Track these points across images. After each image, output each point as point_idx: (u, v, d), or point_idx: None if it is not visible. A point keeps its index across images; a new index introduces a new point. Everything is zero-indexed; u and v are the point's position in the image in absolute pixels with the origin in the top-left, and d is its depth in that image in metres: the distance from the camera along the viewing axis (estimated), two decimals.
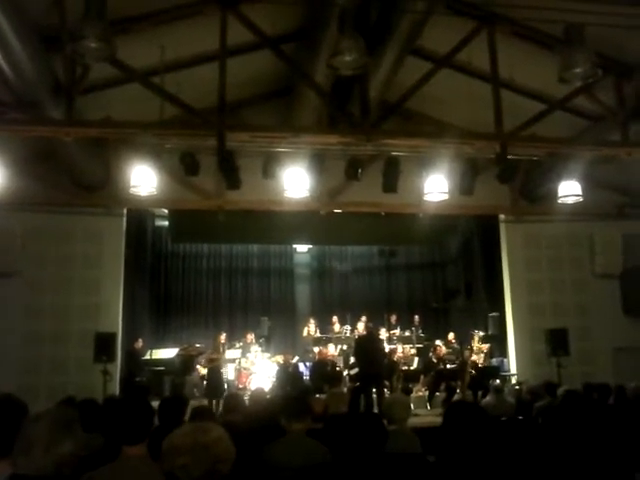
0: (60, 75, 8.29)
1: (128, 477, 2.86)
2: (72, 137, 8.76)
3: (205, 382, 12.21)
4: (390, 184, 11.03)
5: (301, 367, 13.72)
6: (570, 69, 7.66)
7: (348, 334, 14.50)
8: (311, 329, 14.93)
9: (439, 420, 3.22)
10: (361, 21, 8.04)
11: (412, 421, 5.26)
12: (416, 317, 15.50)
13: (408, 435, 4.73)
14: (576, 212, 11.94)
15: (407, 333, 14.88)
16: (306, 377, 13.18)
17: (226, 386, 13.15)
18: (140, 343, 13.50)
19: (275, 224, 13.53)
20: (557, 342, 11.88)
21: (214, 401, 11.39)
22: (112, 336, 11.33)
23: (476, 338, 13.72)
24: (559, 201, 11.29)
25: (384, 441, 3.40)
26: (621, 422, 5.60)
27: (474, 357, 13.24)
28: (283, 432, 4.57)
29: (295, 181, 10.35)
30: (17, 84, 7.84)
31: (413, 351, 14.14)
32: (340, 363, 13.44)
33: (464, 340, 13.81)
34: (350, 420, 4.02)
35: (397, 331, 14.89)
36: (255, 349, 13.98)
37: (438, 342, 13.71)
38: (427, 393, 12.60)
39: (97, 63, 7.51)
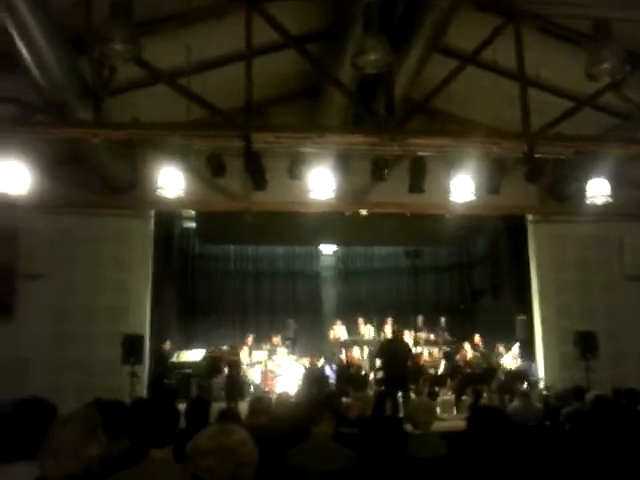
0: (87, 77, 8.34)
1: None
2: (100, 139, 8.82)
3: (226, 385, 12.22)
4: (416, 184, 10.96)
5: (327, 370, 13.69)
6: (598, 65, 7.57)
7: (374, 337, 14.45)
8: (337, 331, 14.90)
9: (465, 424, 3.17)
10: (386, 19, 8.00)
11: (438, 425, 5.20)
12: (442, 319, 15.40)
13: (433, 439, 4.68)
14: (605, 212, 11.74)
15: (432, 336, 14.80)
16: (332, 380, 13.14)
17: (252, 388, 13.19)
18: (168, 345, 13.58)
19: (301, 225, 13.53)
20: (586, 345, 11.71)
21: (235, 403, 11.37)
22: (140, 338, 11.39)
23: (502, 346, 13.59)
24: (588, 201, 11.12)
25: (404, 445, 3.35)
26: None
27: (501, 361, 13.13)
28: (308, 436, 4.54)
29: (321, 182, 10.32)
30: (45, 86, 7.91)
31: (439, 354, 14.06)
32: (366, 366, 13.38)
33: (491, 343, 13.70)
34: (372, 424, 3.97)
35: (423, 334, 14.81)
36: (281, 351, 14.00)
37: (465, 345, 13.60)
38: (454, 397, 12.49)
39: (124, 64, 7.57)
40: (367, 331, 14.84)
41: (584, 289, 13.45)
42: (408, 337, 13.45)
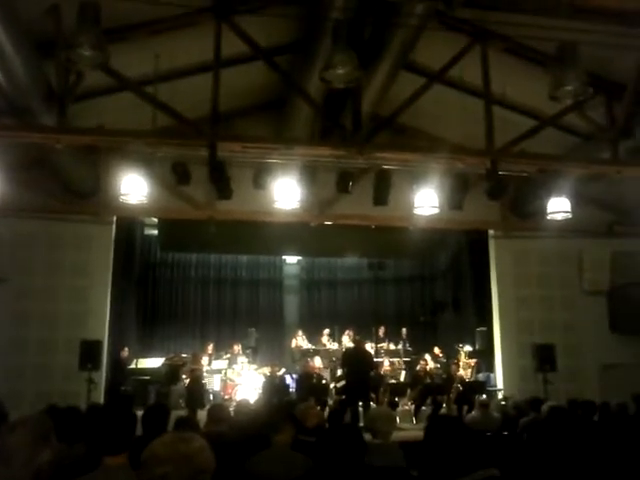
0: (53, 82, 8.26)
1: None
2: (63, 144, 8.71)
3: (186, 393, 12.14)
4: (381, 197, 11.06)
5: (288, 379, 13.69)
6: (561, 87, 7.71)
7: (335, 347, 14.50)
8: (299, 341, 14.91)
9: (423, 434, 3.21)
10: (355, 35, 8.06)
11: (397, 435, 5.25)
12: (403, 330, 15.51)
13: (392, 449, 4.71)
14: (566, 229, 11.99)
15: (393, 347, 14.90)
16: (292, 389, 13.14)
17: (212, 397, 13.13)
18: (126, 352, 13.47)
19: (265, 235, 13.53)
20: (544, 358, 11.91)
21: (196, 411, 11.32)
22: (98, 344, 11.27)
23: (462, 353, 13.76)
24: (548, 217, 11.33)
25: (362, 454, 3.39)
26: (604, 439, 5.61)
27: (461, 372, 13.27)
28: (268, 444, 4.55)
29: (286, 192, 10.37)
30: (9, 90, 7.81)
31: (400, 365, 14.15)
32: (327, 376, 13.41)
33: (451, 354, 13.84)
34: (330, 432, 4.00)
35: (384, 344, 14.89)
36: (242, 360, 13.97)
37: (426, 356, 13.72)
38: (413, 407, 12.57)
39: (91, 71, 7.51)
40: (328, 341, 14.86)
41: (544, 304, 13.69)
42: (369, 347, 13.51)
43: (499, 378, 13.63)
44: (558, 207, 11.13)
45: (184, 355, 13.41)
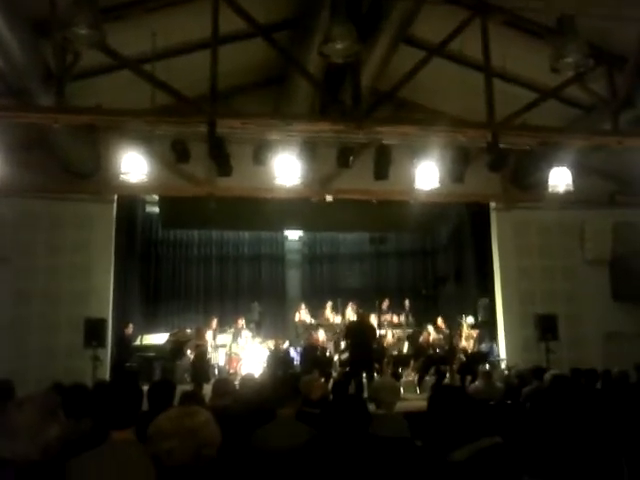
0: (50, 62, 8.24)
1: (114, 461, 2.88)
2: (61, 124, 8.71)
3: (191, 368, 12.24)
4: (381, 172, 11.05)
5: (292, 352, 13.78)
6: (562, 59, 7.69)
7: (338, 320, 14.57)
8: (302, 314, 14.99)
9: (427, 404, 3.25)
10: (353, 9, 8.02)
11: (401, 405, 5.29)
12: (406, 302, 15.57)
13: (396, 419, 4.76)
14: (567, 200, 11.96)
15: (396, 319, 14.97)
16: (297, 362, 13.24)
17: (217, 371, 13.23)
18: (130, 329, 13.54)
19: (266, 211, 13.54)
20: (546, 327, 11.99)
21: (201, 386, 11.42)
22: (102, 322, 11.35)
23: (464, 324, 13.83)
24: (550, 189, 11.32)
25: (366, 424, 3.43)
26: (607, 406, 5.67)
27: (463, 343, 13.35)
28: (273, 416, 4.60)
29: (286, 168, 10.34)
30: (7, 71, 7.82)
31: (403, 336, 14.22)
32: (330, 348, 13.50)
33: (453, 326, 13.91)
34: (335, 403, 4.05)
35: (388, 316, 14.96)
36: (246, 334, 14.06)
37: (429, 327, 13.79)
38: (417, 378, 12.67)
39: (88, 50, 7.49)
40: (332, 314, 14.94)
41: (545, 274, 13.75)
42: (373, 320, 13.59)
43: (502, 348, 13.72)
44: (559, 178, 11.08)
45: (188, 330, 13.47)
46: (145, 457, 2.49)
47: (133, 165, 9.88)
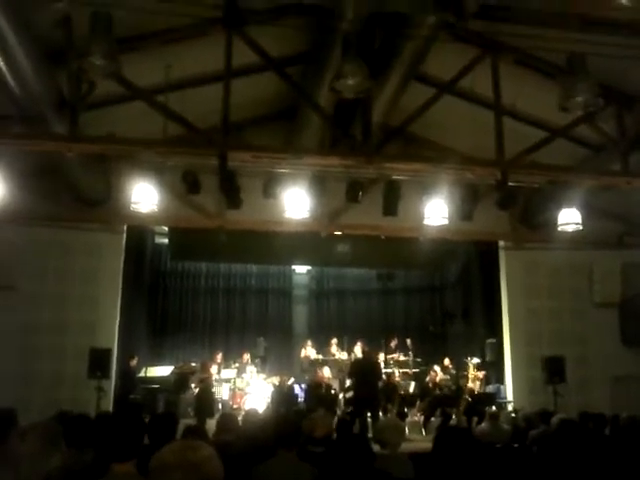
0: (65, 90, 8.33)
1: None
2: (75, 153, 8.79)
3: (196, 402, 12.13)
4: (390, 207, 11.07)
5: (296, 389, 13.66)
6: (572, 98, 7.72)
7: (345, 357, 14.46)
8: (308, 351, 14.89)
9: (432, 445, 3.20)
10: (365, 45, 8.09)
11: (406, 446, 5.22)
12: (408, 341, 15.40)
13: (401, 459, 4.70)
14: (576, 240, 11.94)
15: (403, 357, 14.85)
16: (301, 399, 13.11)
17: (220, 406, 13.12)
18: (135, 360, 13.46)
19: (275, 244, 13.54)
20: (554, 370, 11.86)
21: (204, 420, 11.30)
22: (107, 352, 11.29)
23: (471, 366, 13.70)
24: (559, 229, 11.30)
25: (371, 464, 3.37)
26: (615, 452, 5.57)
27: (470, 384, 13.21)
28: (275, 453, 4.54)
29: (296, 202, 10.37)
30: (21, 98, 7.88)
31: (409, 376, 14.10)
32: (336, 386, 13.37)
33: (460, 365, 13.78)
34: (339, 443, 4.00)
35: (395, 355, 14.86)
36: (251, 369, 13.96)
37: (435, 367, 13.67)
38: (422, 418, 12.52)
39: (102, 80, 7.58)
40: (337, 351, 14.84)
41: (554, 315, 13.64)
42: (380, 358, 13.50)
43: (509, 390, 13.57)
44: (568, 218, 11.09)
45: (193, 364, 13.40)
46: None
47: (144, 195, 9.93)
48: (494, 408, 11.80)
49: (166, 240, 15.96)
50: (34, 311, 11.81)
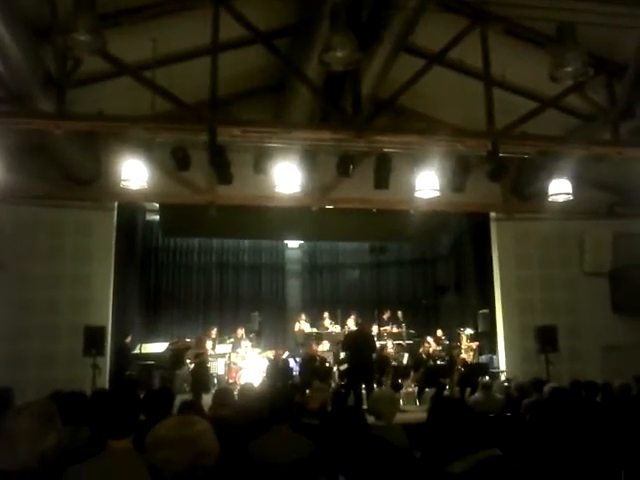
0: (51, 68, 8.25)
1: (111, 471, 2.86)
2: (62, 130, 8.72)
3: (191, 377, 12.18)
4: (381, 181, 11.05)
5: (291, 362, 13.72)
6: (561, 68, 7.68)
7: (338, 330, 14.53)
8: (302, 325, 14.95)
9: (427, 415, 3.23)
10: (353, 17, 8.04)
11: (401, 417, 5.27)
12: (399, 313, 15.46)
13: (395, 430, 4.74)
14: (567, 210, 11.95)
15: (396, 329, 14.92)
16: (296, 372, 13.19)
17: (216, 381, 13.18)
18: (130, 337, 13.49)
19: (266, 219, 13.50)
20: (546, 339, 11.95)
21: (200, 395, 11.36)
22: (101, 330, 11.31)
23: (464, 337, 13.79)
24: (550, 199, 11.31)
25: (365, 435, 3.40)
26: (607, 420, 5.64)
27: (463, 354, 13.31)
28: (271, 427, 4.58)
29: (287, 177, 10.34)
30: (7, 76, 7.81)
31: (403, 347, 14.17)
32: (330, 359, 13.44)
33: (453, 337, 13.87)
34: (333, 415, 4.03)
35: (388, 327, 14.92)
36: (245, 344, 14.01)
37: (428, 339, 13.75)
38: (416, 389, 12.62)
39: (88, 56, 7.50)
40: (330, 324, 14.90)
41: (545, 285, 13.73)
42: (374, 330, 13.57)
43: (502, 360, 13.69)
44: (559, 189, 11.09)
45: (188, 340, 13.43)
46: (142, 466, 2.47)
47: (133, 172, 9.86)
48: (487, 378, 11.95)
49: (157, 217, 15.89)
50: (26, 291, 11.80)
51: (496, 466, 2.73)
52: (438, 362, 13.01)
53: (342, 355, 12.70)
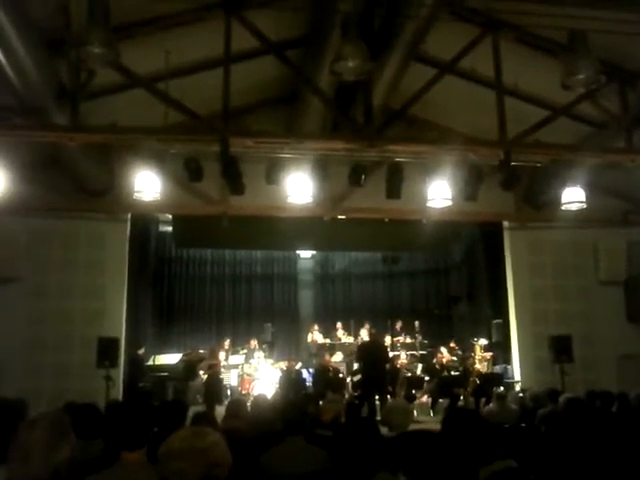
0: (65, 80, 8.30)
1: None
2: (76, 143, 8.78)
3: (204, 388, 12.18)
4: (393, 190, 11.01)
5: (304, 373, 13.71)
6: (573, 75, 7.67)
7: (351, 340, 14.50)
8: (315, 335, 14.93)
9: (441, 426, 3.21)
10: (365, 27, 8.05)
11: (414, 428, 5.22)
12: (416, 323, 15.43)
13: None
14: (580, 219, 11.89)
15: (410, 340, 14.88)
16: (309, 383, 13.16)
17: (229, 392, 13.18)
18: (143, 348, 13.51)
19: (279, 230, 13.51)
20: (561, 349, 11.83)
21: (213, 407, 11.35)
22: (115, 341, 11.31)
23: (477, 347, 13.72)
24: (563, 208, 11.25)
25: (378, 447, 3.37)
26: (624, 430, 5.57)
27: (477, 365, 13.23)
28: (284, 439, 4.55)
29: (298, 187, 10.34)
30: (21, 89, 7.86)
31: (416, 358, 14.12)
32: (343, 369, 13.41)
33: (466, 347, 13.80)
34: (346, 426, 4.00)
35: (401, 338, 14.88)
36: (258, 355, 14.01)
37: (442, 349, 13.69)
38: (430, 400, 12.55)
39: (102, 68, 7.55)
40: (343, 335, 14.87)
41: (559, 294, 13.61)
42: (387, 341, 13.53)
43: (516, 370, 13.57)
44: (572, 197, 11.03)
45: (201, 351, 13.45)
46: (155, 478, 2.46)
47: (147, 184, 9.91)
48: (502, 388, 11.85)
49: (170, 228, 15.95)
50: (40, 302, 11.84)
51: (511, 478, 2.70)
52: (452, 373, 12.94)
53: (355, 366, 12.66)
